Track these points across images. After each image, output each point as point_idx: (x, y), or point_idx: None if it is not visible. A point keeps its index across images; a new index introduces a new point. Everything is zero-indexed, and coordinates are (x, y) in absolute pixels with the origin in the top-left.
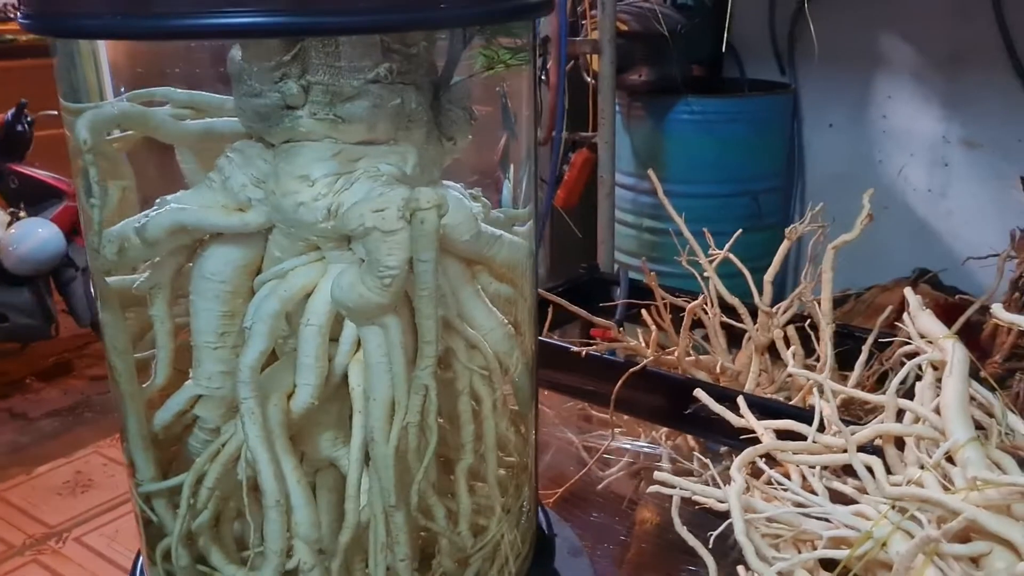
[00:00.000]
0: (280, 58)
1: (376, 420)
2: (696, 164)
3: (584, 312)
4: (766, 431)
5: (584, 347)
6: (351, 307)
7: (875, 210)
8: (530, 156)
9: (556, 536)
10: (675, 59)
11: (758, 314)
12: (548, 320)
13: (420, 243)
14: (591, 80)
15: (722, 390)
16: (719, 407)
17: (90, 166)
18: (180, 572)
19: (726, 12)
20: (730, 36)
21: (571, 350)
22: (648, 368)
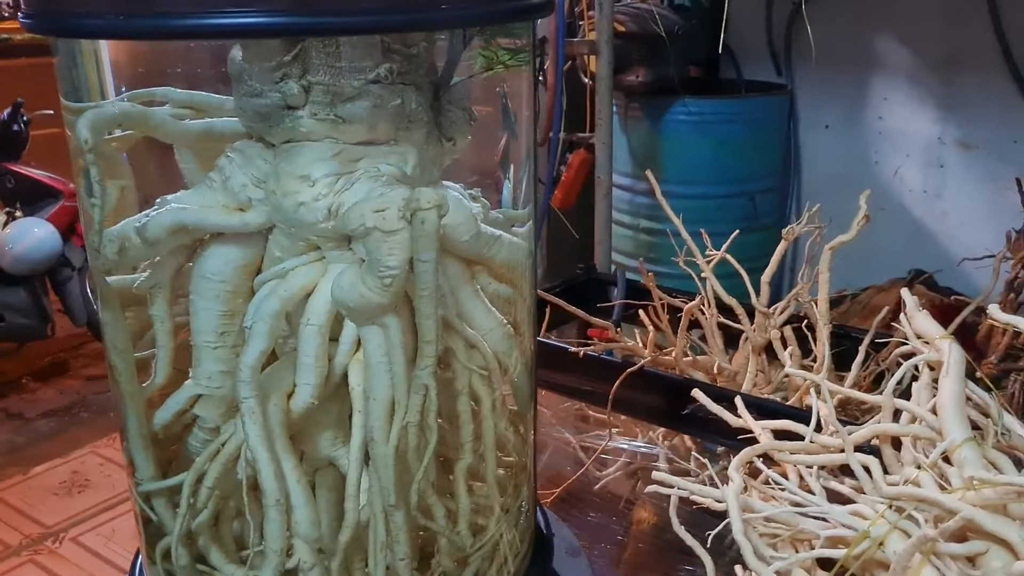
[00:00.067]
0: (281, 58)
1: (376, 420)
2: (693, 165)
3: (582, 312)
4: (764, 431)
5: (582, 347)
6: (351, 307)
7: (871, 211)
8: (530, 157)
9: (554, 536)
10: (672, 60)
11: (755, 315)
12: (546, 321)
13: (420, 243)
14: (588, 81)
15: (719, 390)
16: (717, 407)
17: (91, 165)
18: (180, 571)
19: (723, 13)
20: (727, 37)
21: (569, 350)
22: (646, 368)
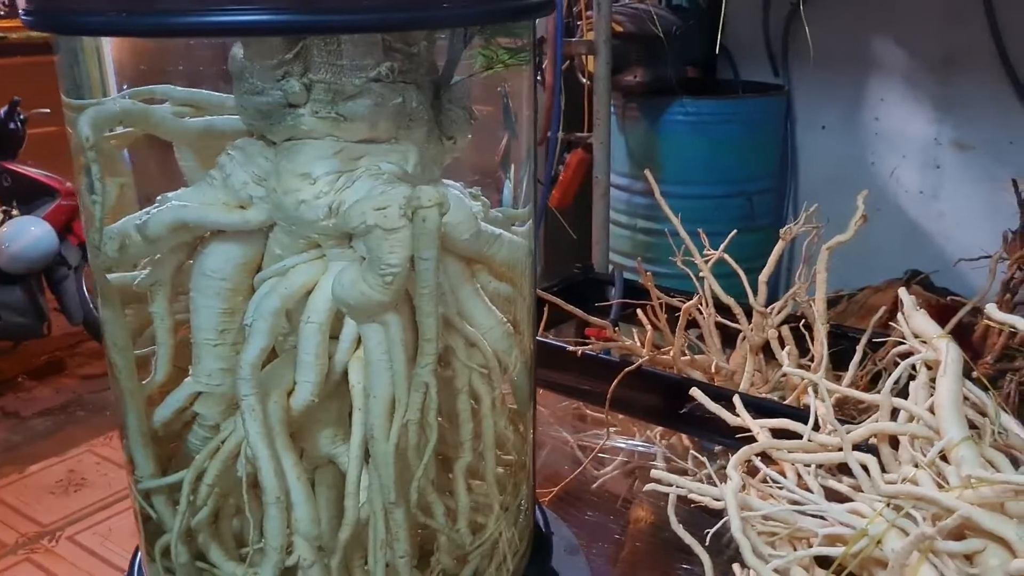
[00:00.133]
0: (282, 56)
1: (376, 417)
2: (690, 165)
3: (580, 312)
4: (762, 430)
5: (580, 347)
6: (352, 305)
7: (868, 212)
8: (530, 156)
9: (553, 534)
10: (670, 60)
11: (752, 314)
12: (543, 320)
13: (422, 241)
14: (586, 81)
15: (717, 389)
16: (715, 406)
17: (92, 163)
18: (179, 569)
19: (719, 14)
20: (724, 38)
21: (567, 349)
22: (643, 367)
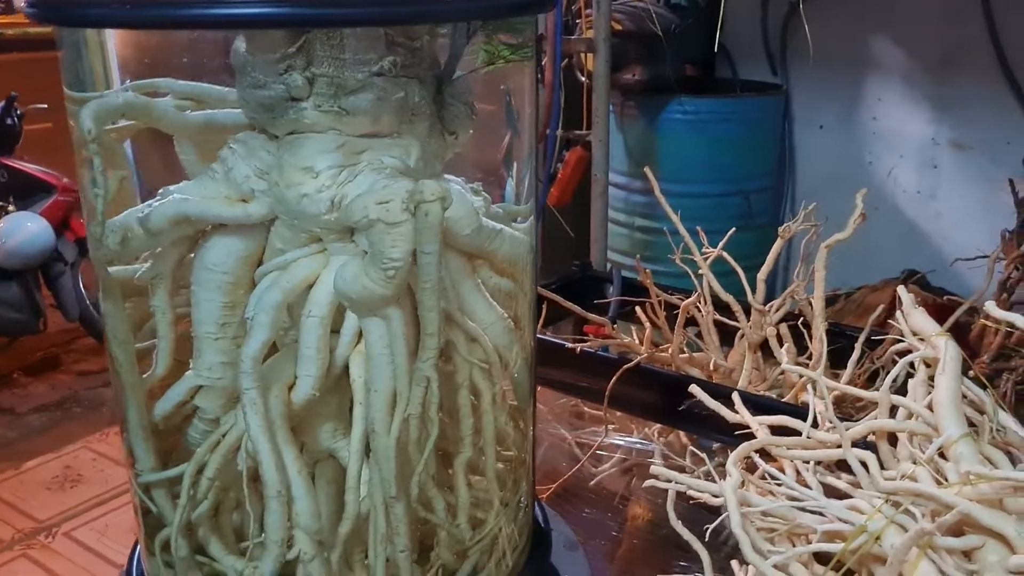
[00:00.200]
0: (285, 50)
1: (377, 412)
2: (688, 163)
3: (578, 309)
4: (761, 427)
5: (578, 344)
6: (354, 299)
7: (865, 211)
8: (532, 153)
9: (552, 530)
10: (669, 59)
11: (751, 312)
12: (542, 317)
13: (424, 235)
14: (584, 79)
15: (716, 387)
16: (715, 403)
17: (94, 156)
18: (179, 562)
19: (718, 12)
20: (722, 37)
21: (566, 346)
22: (642, 364)
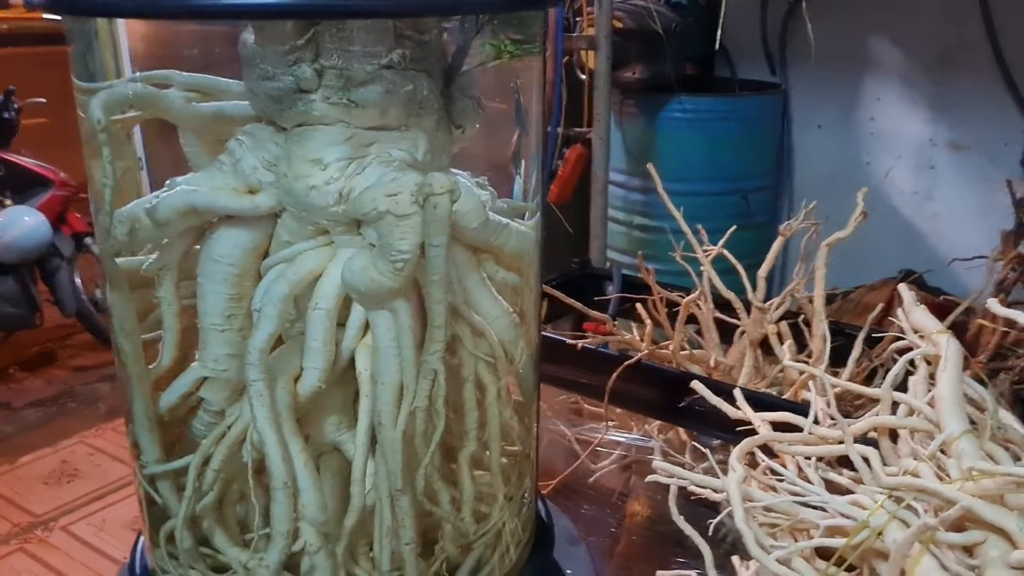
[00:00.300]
0: (294, 42)
1: (384, 404)
2: (687, 162)
3: (580, 305)
4: (763, 423)
5: (579, 340)
6: (362, 291)
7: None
8: (539, 150)
9: (554, 525)
10: (669, 57)
11: (751, 309)
12: (542, 314)
13: (433, 228)
14: (584, 77)
15: (716, 384)
16: (717, 399)
17: (104, 146)
18: (184, 554)
19: (718, 11)
20: (722, 36)
21: (566, 343)
22: (643, 361)
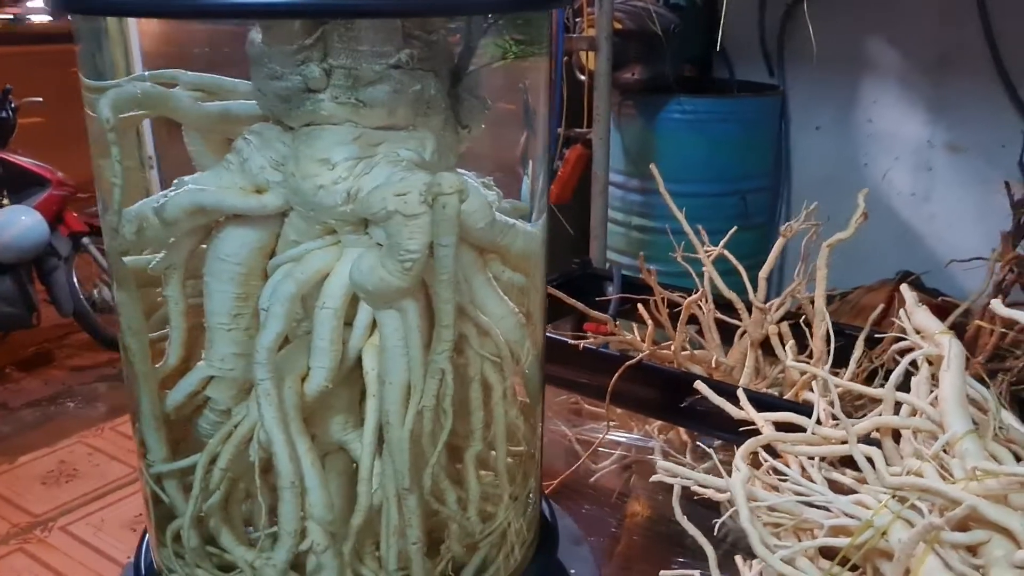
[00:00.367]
0: (302, 41)
1: (391, 403)
2: (686, 163)
3: (582, 305)
4: (766, 423)
5: (580, 340)
6: (371, 290)
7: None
8: (545, 150)
9: (558, 525)
10: (668, 58)
11: (751, 310)
12: None
13: (442, 227)
14: (583, 78)
15: (718, 384)
16: (720, 399)
17: (112, 145)
18: (190, 553)
19: (716, 13)
20: (720, 37)
21: (568, 343)
22: (644, 361)
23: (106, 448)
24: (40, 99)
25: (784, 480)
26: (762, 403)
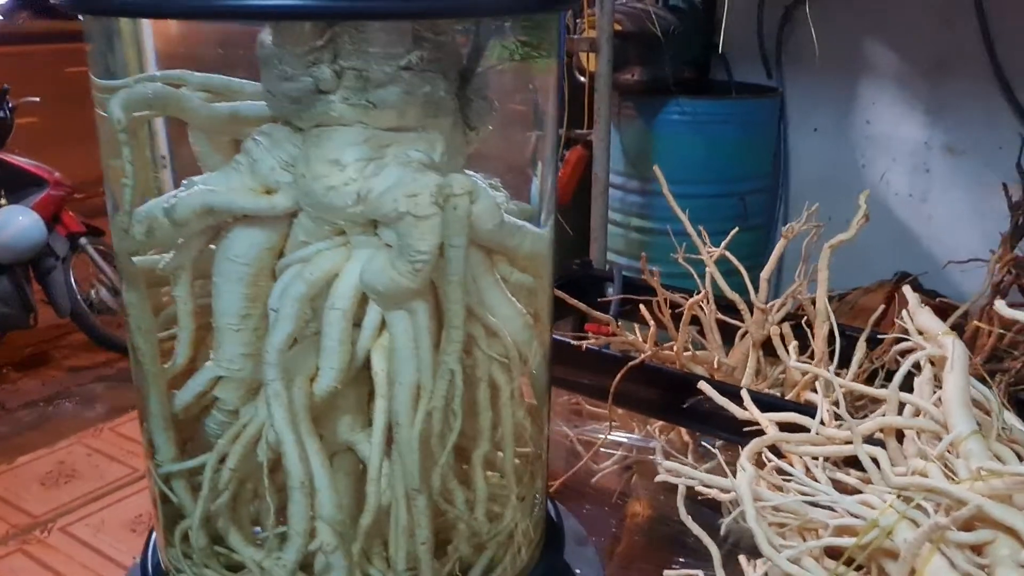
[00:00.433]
0: (313, 43)
1: (401, 404)
2: (685, 164)
3: (584, 306)
4: (770, 424)
5: (582, 341)
6: (381, 291)
7: (857, 214)
8: (554, 152)
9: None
10: (667, 60)
11: (753, 311)
12: None
13: (452, 228)
14: (582, 79)
15: (720, 384)
16: (724, 400)
17: (124, 146)
18: (198, 553)
19: (714, 15)
20: (718, 39)
21: (571, 344)
22: (647, 362)
23: (105, 449)
24: (37, 99)
25: (789, 480)
26: (765, 404)
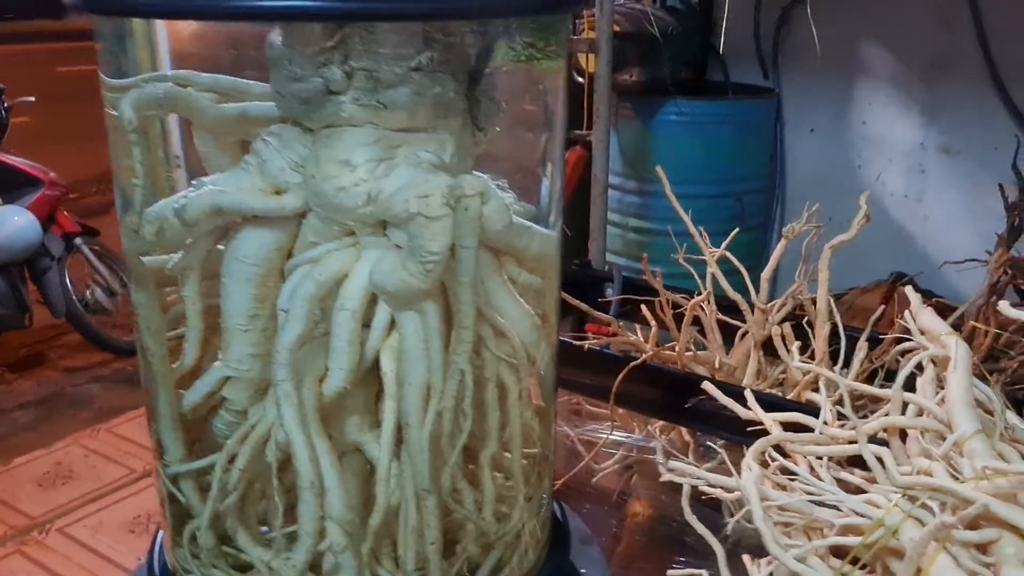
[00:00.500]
0: (323, 44)
1: (411, 405)
2: (683, 165)
3: (585, 306)
4: (774, 424)
5: (583, 341)
6: (391, 292)
7: (855, 214)
8: (562, 153)
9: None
10: (666, 61)
11: (753, 311)
12: None
13: (464, 229)
14: (581, 80)
15: (721, 384)
16: (728, 399)
17: (134, 146)
18: (206, 553)
19: (712, 16)
20: (715, 40)
21: (573, 344)
22: (649, 362)
23: (102, 450)
24: (32, 99)
25: (794, 479)
26: (767, 404)
